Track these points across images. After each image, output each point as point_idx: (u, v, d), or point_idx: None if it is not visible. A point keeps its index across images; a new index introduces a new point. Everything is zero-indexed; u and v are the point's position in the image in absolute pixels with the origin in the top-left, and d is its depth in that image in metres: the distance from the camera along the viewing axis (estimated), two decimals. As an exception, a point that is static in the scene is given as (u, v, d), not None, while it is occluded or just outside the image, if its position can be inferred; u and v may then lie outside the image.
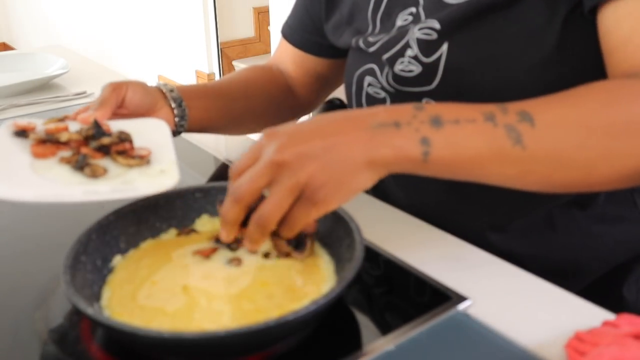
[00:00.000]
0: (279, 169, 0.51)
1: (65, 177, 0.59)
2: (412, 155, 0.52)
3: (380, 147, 0.51)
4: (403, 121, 0.52)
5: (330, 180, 0.51)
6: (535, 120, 0.53)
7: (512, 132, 0.53)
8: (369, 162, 0.51)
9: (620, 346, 0.46)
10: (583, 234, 0.75)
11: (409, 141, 0.52)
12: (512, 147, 0.53)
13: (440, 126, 0.52)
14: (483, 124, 0.53)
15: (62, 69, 1.32)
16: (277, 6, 2.68)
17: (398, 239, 0.69)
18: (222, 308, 0.53)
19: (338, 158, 0.51)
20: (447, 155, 0.52)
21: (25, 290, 0.62)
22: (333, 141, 0.51)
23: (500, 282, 0.62)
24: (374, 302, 0.61)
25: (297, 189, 0.51)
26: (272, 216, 0.52)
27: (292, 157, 0.51)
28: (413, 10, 0.72)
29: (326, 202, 0.51)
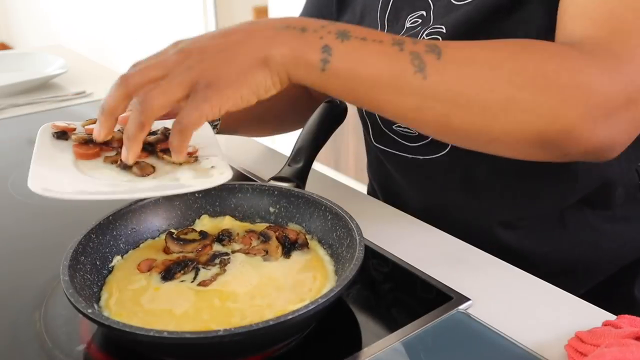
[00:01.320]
0: (175, 64, 0.50)
1: (114, 176, 0.58)
2: (311, 59, 0.51)
3: (279, 45, 0.51)
4: (310, 28, 0.52)
5: (224, 74, 0.50)
6: (443, 54, 0.52)
7: (416, 59, 0.51)
8: (265, 59, 0.50)
9: (621, 347, 0.46)
10: (593, 232, 0.75)
11: (310, 45, 0.51)
12: (413, 75, 0.51)
13: (345, 39, 0.51)
14: (389, 47, 0.52)
15: (61, 69, 1.32)
16: (277, 6, 2.68)
17: (399, 239, 0.69)
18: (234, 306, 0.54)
19: (234, 53, 0.50)
20: (345, 67, 0.51)
21: (25, 290, 0.62)
22: (234, 39, 0.51)
23: (501, 283, 0.62)
24: (374, 302, 0.61)
25: (188, 80, 0.50)
26: (154, 100, 0.49)
27: (190, 51, 0.50)
28: (423, 13, 0.72)
29: (219, 97, 0.50)
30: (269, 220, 0.67)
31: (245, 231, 0.65)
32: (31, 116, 1.14)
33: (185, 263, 0.58)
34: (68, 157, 0.60)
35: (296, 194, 0.66)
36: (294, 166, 0.74)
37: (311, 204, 0.65)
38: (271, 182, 0.71)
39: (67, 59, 1.39)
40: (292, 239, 0.62)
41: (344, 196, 0.79)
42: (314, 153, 0.77)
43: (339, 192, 0.83)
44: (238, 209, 0.68)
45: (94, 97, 1.25)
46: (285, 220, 0.67)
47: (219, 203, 0.68)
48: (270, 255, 0.60)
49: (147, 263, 0.60)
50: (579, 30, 0.57)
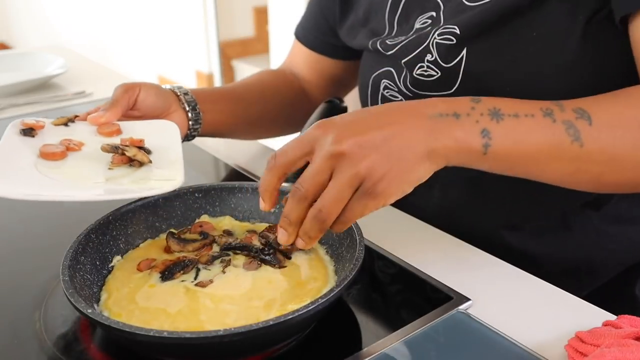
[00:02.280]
0: (339, 161, 0.49)
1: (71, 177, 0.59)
2: (473, 146, 0.51)
3: (441, 137, 0.51)
4: (462, 112, 0.52)
5: (390, 171, 0.50)
6: (592, 118, 0.53)
7: (570, 128, 0.53)
8: (430, 153, 0.51)
9: (621, 347, 0.46)
10: (598, 234, 0.75)
11: (469, 132, 0.51)
12: (571, 144, 0.53)
13: (500, 119, 0.52)
14: (542, 119, 0.53)
15: (60, 69, 1.32)
16: (277, 6, 2.68)
17: (399, 240, 0.69)
18: (229, 308, 0.53)
19: (398, 148, 0.50)
20: (507, 148, 0.52)
21: (25, 290, 0.62)
22: (392, 130, 0.50)
23: (501, 283, 0.62)
24: (374, 302, 0.61)
25: (357, 180, 0.49)
26: (332, 210, 0.50)
27: (352, 147, 0.49)
28: (433, 14, 0.71)
29: (385, 194, 0.50)
30: (269, 220, 0.67)
31: (245, 231, 0.65)
32: (31, 116, 1.14)
33: (185, 263, 0.58)
34: (29, 155, 0.62)
35: (296, 194, 0.66)
36: (294, 166, 0.73)
37: (311, 204, 0.65)
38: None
39: (67, 59, 1.39)
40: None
41: (344, 196, 0.79)
42: (314, 153, 0.77)
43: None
44: (238, 209, 0.68)
45: (93, 97, 1.25)
46: (285, 220, 0.67)
47: (218, 203, 0.68)
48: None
49: (147, 263, 0.60)
50: None
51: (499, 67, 0.66)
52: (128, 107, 0.73)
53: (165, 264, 0.59)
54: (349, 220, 0.52)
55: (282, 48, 2.77)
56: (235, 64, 3.46)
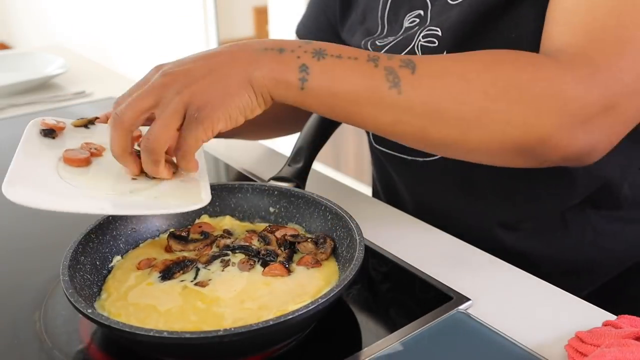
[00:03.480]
0: (163, 89, 0.52)
1: (94, 185, 0.57)
2: (289, 79, 0.53)
3: (260, 67, 0.53)
4: (287, 48, 0.54)
5: (212, 97, 0.52)
6: (417, 68, 0.54)
7: (391, 74, 0.53)
8: (248, 81, 0.53)
9: (621, 347, 0.46)
10: (596, 234, 0.75)
11: (288, 65, 0.53)
12: (389, 90, 0.53)
13: (322, 57, 0.54)
14: (365, 63, 0.54)
15: (60, 69, 1.32)
16: (276, 5, 2.68)
17: (399, 239, 0.69)
18: (223, 310, 0.53)
19: (219, 76, 0.52)
20: (323, 85, 0.53)
21: (25, 290, 0.62)
22: (216, 61, 0.53)
23: (501, 283, 0.62)
24: (374, 302, 0.61)
25: (181, 107, 0.52)
26: (159, 138, 0.52)
27: (176, 76, 0.52)
28: (421, 12, 0.72)
29: (211, 119, 0.52)
30: (269, 220, 0.67)
31: (245, 231, 0.65)
32: (31, 116, 1.13)
33: (185, 263, 0.58)
34: (51, 158, 0.60)
35: (296, 194, 0.66)
36: (294, 166, 0.74)
37: (311, 204, 0.65)
38: (271, 182, 0.71)
39: (67, 58, 1.39)
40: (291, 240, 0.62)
41: (344, 196, 0.79)
42: (314, 153, 0.77)
43: (339, 192, 0.83)
44: (238, 209, 0.68)
45: (93, 97, 1.25)
46: (285, 220, 0.67)
47: (218, 203, 0.68)
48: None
49: (147, 262, 0.60)
50: (561, 37, 0.57)
51: None
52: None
53: (165, 264, 0.59)
54: (187, 152, 0.54)
55: (282, 48, 2.77)
56: (235, 64, 3.46)
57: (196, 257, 0.60)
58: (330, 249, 0.60)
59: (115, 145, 0.54)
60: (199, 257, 0.60)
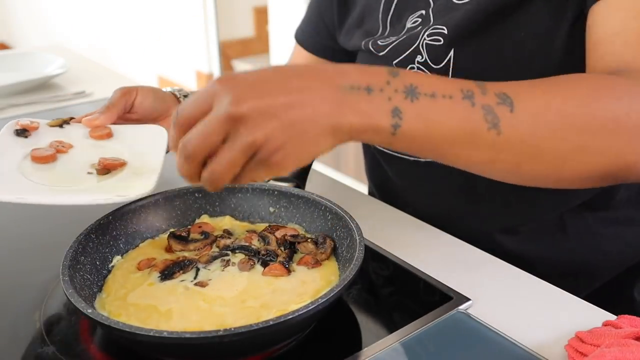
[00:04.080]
0: (235, 124, 0.46)
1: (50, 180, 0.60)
2: (381, 125, 0.48)
3: (347, 112, 0.47)
4: (375, 87, 0.48)
5: (289, 142, 0.46)
6: (515, 106, 0.51)
7: (489, 114, 0.50)
8: (334, 128, 0.47)
9: (621, 347, 0.46)
10: (594, 236, 0.74)
11: (379, 110, 0.48)
12: (487, 131, 0.50)
13: (414, 97, 0.49)
14: (460, 102, 0.50)
15: (60, 69, 1.32)
16: (276, 6, 2.68)
17: (399, 240, 0.69)
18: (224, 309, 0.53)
19: (301, 119, 0.46)
20: (417, 130, 0.49)
21: (25, 290, 0.62)
22: (297, 98, 0.46)
23: (501, 283, 0.62)
24: (374, 302, 0.61)
25: (253, 149, 0.46)
26: (223, 176, 0.48)
27: (251, 112, 0.45)
28: (422, 12, 0.71)
29: (281, 166, 0.47)
30: (269, 220, 0.67)
31: (245, 231, 0.65)
32: (31, 116, 1.13)
33: (185, 263, 0.58)
34: (18, 155, 0.63)
35: (296, 194, 0.66)
36: (294, 166, 0.74)
37: (311, 204, 0.65)
38: (271, 182, 0.71)
39: (67, 59, 1.39)
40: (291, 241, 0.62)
41: (344, 196, 0.79)
42: (314, 153, 0.77)
43: (339, 192, 0.83)
44: (238, 209, 0.68)
45: (93, 97, 1.25)
46: (285, 220, 0.67)
47: (218, 203, 0.68)
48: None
49: (147, 262, 0.60)
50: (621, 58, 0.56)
51: (488, 68, 0.66)
52: (125, 110, 0.72)
53: (165, 264, 0.59)
54: (242, 182, 0.49)
55: (282, 48, 2.77)
56: (235, 64, 3.47)
57: (196, 257, 0.60)
58: (330, 249, 0.60)
59: (185, 173, 0.49)
60: (199, 257, 0.60)
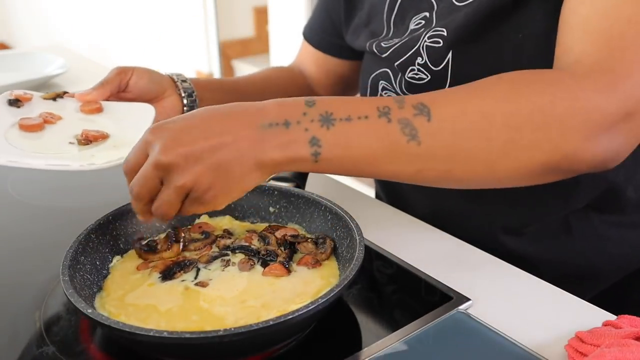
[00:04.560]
0: (165, 171, 0.50)
1: (33, 148, 0.63)
2: (302, 156, 0.51)
3: (268, 149, 0.50)
4: (292, 120, 0.51)
5: (216, 182, 0.50)
6: (432, 114, 0.51)
7: (406, 127, 0.51)
8: (258, 164, 0.50)
9: (621, 347, 0.46)
10: (599, 238, 0.74)
11: (298, 142, 0.50)
12: (407, 144, 0.51)
13: (330, 124, 0.51)
14: (376, 121, 0.51)
15: (60, 69, 1.32)
16: (277, 6, 2.68)
17: (398, 239, 0.69)
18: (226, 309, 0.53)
19: (225, 161, 0.50)
20: (337, 155, 0.51)
21: (25, 290, 0.62)
22: (219, 142, 0.50)
23: (501, 283, 0.62)
24: (374, 302, 0.61)
25: (184, 190, 0.50)
26: (166, 213, 0.52)
27: (177, 159, 0.50)
28: (426, 14, 0.71)
29: (214, 203, 0.51)
30: (269, 220, 0.67)
31: (245, 231, 0.65)
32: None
33: (185, 263, 0.58)
34: (6, 123, 0.66)
35: (296, 194, 0.66)
36: (294, 166, 0.74)
37: (311, 204, 0.65)
38: (271, 182, 0.71)
39: (67, 59, 1.39)
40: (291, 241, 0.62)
41: (344, 196, 0.79)
42: (314, 153, 0.77)
43: (339, 192, 0.83)
44: (238, 209, 0.68)
45: (93, 97, 1.24)
46: (285, 220, 0.67)
47: (219, 203, 0.68)
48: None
49: (146, 263, 0.60)
50: (578, 45, 0.56)
51: (486, 70, 0.65)
52: (119, 89, 0.76)
53: (165, 264, 0.59)
54: (184, 215, 0.53)
55: (282, 48, 2.77)
56: (235, 64, 3.46)
57: (196, 257, 0.60)
58: (330, 249, 0.60)
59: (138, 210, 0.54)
60: (199, 257, 0.60)
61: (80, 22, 4.12)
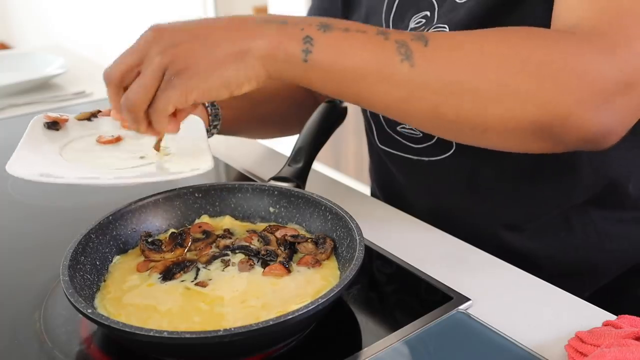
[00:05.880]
0: (148, 47, 0.49)
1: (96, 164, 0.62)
2: (291, 50, 0.49)
3: (258, 37, 0.49)
4: (291, 20, 0.50)
5: (193, 64, 0.48)
6: (430, 41, 0.50)
7: (402, 47, 0.50)
8: (241, 52, 0.49)
9: (621, 347, 0.46)
10: (599, 234, 0.74)
11: (290, 37, 0.49)
12: (400, 63, 0.49)
13: (328, 30, 0.50)
14: (374, 36, 0.50)
15: (60, 69, 1.32)
16: (277, 6, 2.68)
17: (398, 239, 0.69)
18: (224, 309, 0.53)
19: (208, 42, 0.49)
20: (328, 58, 0.49)
21: (25, 290, 0.62)
22: (210, 27, 0.50)
23: (501, 283, 0.62)
24: (374, 302, 0.61)
25: (160, 68, 0.49)
26: (136, 98, 0.50)
27: (163, 34, 0.49)
28: (427, 14, 0.71)
29: (185, 87, 0.49)
30: (269, 220, 0.67)
31: (245, 231, 0.65)
32: (31, 116, 1.13)
33: (185, 264, 0.58)
34: (54, 145, 0.64)
35: (296, 194, 0.66)
36: (294, 166, 0.74)
37: (311, 204, 0.65)
38: (271, 182, 0.71)
39: (67, 58, 1.39)
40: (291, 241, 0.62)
41: (344, 196, 0.79)
42: (314, 153, 0.77)
43: (339, 192, 0.83)
44: (238, 209, 0.68)
45: (93, 97, 1.25)
46: (285, 220, 0.67)
47: (219, 203, 0.68)
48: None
49: (146, 263, 0.60)
50: (575, 14, 0.55)
51: None
52: None
53: (165, 264, 0.59)
54: (155, 111, 0.51)
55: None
56: (235, 64, 3.46)
57: (196, 257, 0.60)
58: (330, 249, 0.60)
59: (110, 100, 0.53)
60: (199, 257, 0.60)
61: (80, 22, 4.12)
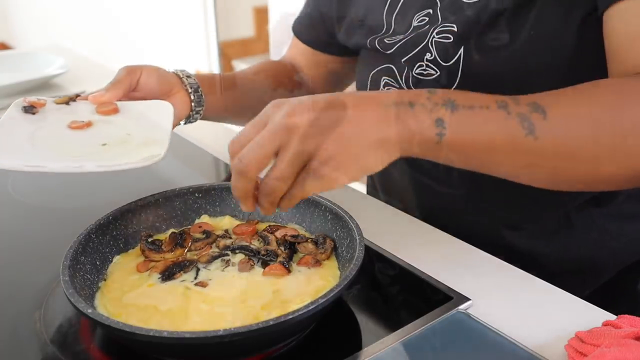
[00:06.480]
0: (288, 134, 0.48)
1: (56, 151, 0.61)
2: (427, 135, 0.51)
3: (394, 125, 0.50)
4: (417, 102, 0.52)
5: (339, 154, 0.49)
6: (547, 113, 0.53)
7: (525, 121, 0.53)
8: (382, 141, 0.50)
9: (621, 347, 0.46)
10: (599, 232, 0.75)
11: (424, 121, 0.51)
12: (525, 137, 0.53)
13: (454, 109, 0.52)
14: (497, 111, 0.53)
15: (61, 69, 1.32)
16: (277, 6, 2.68)
17: (398, 239, 0.69)
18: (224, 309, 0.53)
19: (350, 132, 0.49)
20: (461, 138, 0.52)
21: (25, 290, 0.62)
22: (346, 114, 0.49)
23: (501, 283, 0.62)
24: (374, 302, 0.61)
25: (303, 158, 0.49)
26: (277, 188, 0.50)
27: (303, 121, 0.48)
28: (430, 11, 0.72)
29: (331, 178, 0.50)
30: (269, 220, 0.67)
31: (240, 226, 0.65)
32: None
33: (185, 264, 0.58)
34: (27, 130, 0.64)
35: (296, 194, 0.66)
36: (294, 166, 0.73)
37: (311, 204, 0.65)
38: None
39: (67, 58, 1.39)
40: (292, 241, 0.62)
41: (344, 196, 0.79)
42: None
43: (339, 192, 0.82)
44: (238, 209, 0.68)
45: (93, 97, 1.24)
46: (285, 220, 0.67)
47: (219, 203, 0.68)
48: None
49: (146, 263, 0.60)
50: None
51: (497, 66, 0.66)
52: (130, 88, 0.75)
53: (165, 264, 0.59)
54: (294, 197, 0.51)
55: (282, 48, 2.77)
56: (235, 64, 3.46)
57: (196, 257, 0.60)
58: (330, 249, 0.60)
59: (239, 191, 0.52)
60: (199, 257, 0.60)
61: (80, 22, 4.12)
